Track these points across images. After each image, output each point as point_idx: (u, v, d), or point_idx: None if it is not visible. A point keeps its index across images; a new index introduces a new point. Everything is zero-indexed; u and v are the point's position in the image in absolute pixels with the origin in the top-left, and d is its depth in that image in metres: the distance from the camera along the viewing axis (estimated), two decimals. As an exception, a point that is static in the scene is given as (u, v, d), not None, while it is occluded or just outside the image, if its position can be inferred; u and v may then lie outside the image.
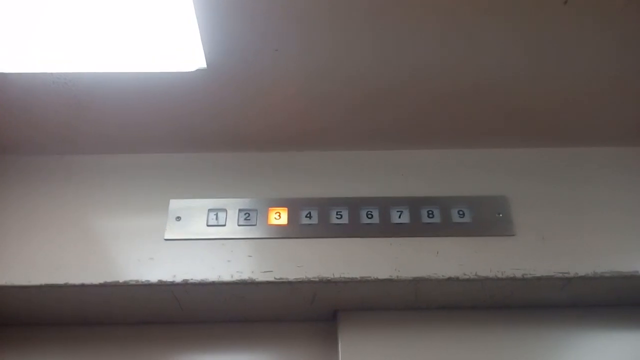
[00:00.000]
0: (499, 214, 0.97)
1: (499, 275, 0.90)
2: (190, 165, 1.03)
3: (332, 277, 0.90)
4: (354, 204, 0.98)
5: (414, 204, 0.98)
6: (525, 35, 0.84)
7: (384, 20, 0.80)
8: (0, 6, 0.77)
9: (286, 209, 0.98)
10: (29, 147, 1.04)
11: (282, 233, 0.95)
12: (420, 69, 0.89)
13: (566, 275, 0.90)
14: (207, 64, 0.85)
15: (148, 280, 0.90)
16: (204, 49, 0.83)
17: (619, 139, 1.04)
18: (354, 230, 0.96)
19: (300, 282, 0.90)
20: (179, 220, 0.96)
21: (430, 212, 0.97)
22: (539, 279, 0.91)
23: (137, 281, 0.90)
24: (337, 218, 0.97)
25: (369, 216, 0.97)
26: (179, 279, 0.90)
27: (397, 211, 0.97)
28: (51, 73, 0.88)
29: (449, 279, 0.90)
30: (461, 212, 0.97)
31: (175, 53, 0.84)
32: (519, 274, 0.90)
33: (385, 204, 0.98)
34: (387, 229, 0.96)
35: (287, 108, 0.96)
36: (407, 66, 0.88)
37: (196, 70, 0.86)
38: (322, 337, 1.02)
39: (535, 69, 0.90)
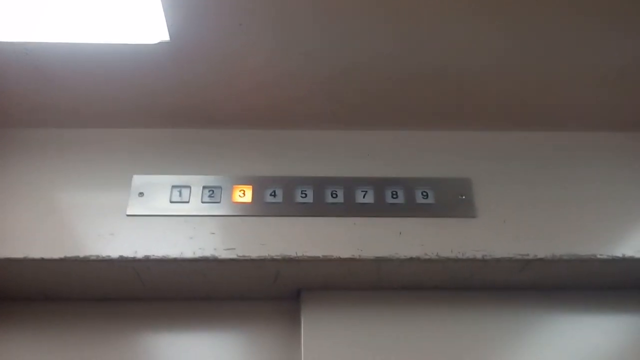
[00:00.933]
0: (462, 196, 0.98)
1: (460, 256, 0.91)
2: (154, 141, 1.02)
3: (294, 255, 0.90)
4: (319, 183, 0.98)
5: (379, 184, 0.98)
6: (494, 17, 0.84)
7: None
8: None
9: (251, 186, 0.97)
10: (-10, 119, 1.02)
11: (246, 211, 0.95)
12: (385, 48, 0.89)
13: (525, 257, 0.92)
14: (169, 37, 0.84)
15: (109, 256, 0.89)
16: (166, 21, 0.81)
17: (580, 124, 1.06)
18: (318, 209, 0.96)
19: (262, 259, 0.90)
20: (141, 196, 0.96)
21: (394, 192, 0.97)
22: (498, 260, 0.92)
23: (97, 256, 0.89)
24: (301, 197, 0.97)
25: (334, 195, 0.97)
26: (140, 255, 0.89)
27: (362, 191, 0.97)
28: (11, 42, 0.86)
29: (411, 258, 0.91)
30: (425, 194, 0.98)
31: (137, 25, 0.83)
32: (479, 255, 0.91)
33: (350, 184, 0.98)
34: (351, 209, 0.96)
35: (251, 83, 0.95)
36: (372, 45, 0.88)
37: (158, 43, 0.85)
38: (285, 316, 1.02)
39: (498, 53, 0.90)
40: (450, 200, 0.97)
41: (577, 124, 1.05)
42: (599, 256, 0.92)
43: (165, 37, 0.84)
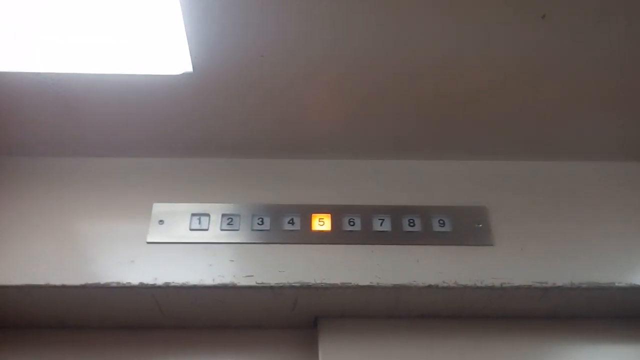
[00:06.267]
0: (479, 224, 0.98)
1: (478, 284, 0.91)
2: (175, 170, 1.04)
3: (313, 282, 0.91)
4: (336, 212, 0.99)
5: (396, 212, 0.99)
6: (507, 39, 0.84)
7: (367, 20, 0.80)
8: (-11, 6, 0.78)
9: (269, 217, 0.98)
10: (14, 148, 1.04)
11: (265, 238, 0.96)
12: (403, 75, 0.89)
13: (544, 285, 0.91)
14: (193, 68, 0.86)
15: (129, 282, 0.90)
16: (190, 53, 0.83)
17: (597, 154, 1.06)
18: (335, 237, 0.97)
19: (281, 287, 0.91)
20: (161, 223, 0.97)
21: (411, 220, 0.98)
22: (517, 288, 0.92)
23: (118, 283, 0.90)
24: (319, 225, 0.98)
25: (351, 223, 0.98)
26: (160, 281, 0.90)
27: (379, 219, 0.98)
28: (38, 73, 0.88)
29: (429, 286, 0.91)
30: (441, 222, 0.98)
31: (162, 56, 0.85)
32: (497, 283, 0.91)
33: (367, 212, 0.99)
34: (368, 237, 0.97)
35: (271, 115, 0.97)
36: (390, 74, 0.89)
37: (182, 74, 0.87)
38: (303, 344, 1.02)
39: (517, 82, 0.91)
40: (467, 228, 0.98)
41: (594, 153, 1.06)
42: (617, 284, 0.92)
43: (189, 68, 0.86)
